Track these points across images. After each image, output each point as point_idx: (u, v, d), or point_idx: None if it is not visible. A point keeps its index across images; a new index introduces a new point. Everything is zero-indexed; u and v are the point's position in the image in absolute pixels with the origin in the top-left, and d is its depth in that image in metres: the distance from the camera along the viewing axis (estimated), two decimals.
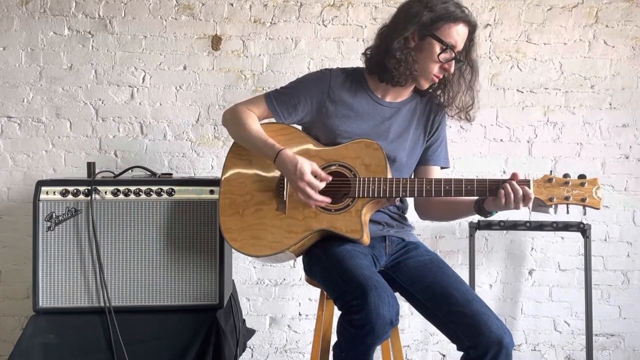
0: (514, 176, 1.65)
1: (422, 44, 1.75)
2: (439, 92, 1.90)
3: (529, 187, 1.62)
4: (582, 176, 1.63)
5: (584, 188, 1.61)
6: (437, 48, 1.73)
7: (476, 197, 1.74)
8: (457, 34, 1.73)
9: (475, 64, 1.84)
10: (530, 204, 1.64)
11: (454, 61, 1.76)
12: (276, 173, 1.83)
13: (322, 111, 1.84)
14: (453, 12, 1.71)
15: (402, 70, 1.75)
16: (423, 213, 1.99)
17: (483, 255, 2.85)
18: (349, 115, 1.84)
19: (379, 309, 1.48)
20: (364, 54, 1.88)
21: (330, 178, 1.72)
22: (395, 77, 1.77)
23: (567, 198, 1.61)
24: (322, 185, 1.70)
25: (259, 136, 1.79)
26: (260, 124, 1.86)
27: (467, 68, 1.83)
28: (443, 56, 1.74)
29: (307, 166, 1.69)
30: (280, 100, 1.85)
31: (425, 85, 1.82)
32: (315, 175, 1.70)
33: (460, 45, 1.75)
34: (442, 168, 1.97)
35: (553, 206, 1.63)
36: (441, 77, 1.80)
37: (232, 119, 1.86)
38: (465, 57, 1.81)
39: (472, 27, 1.77)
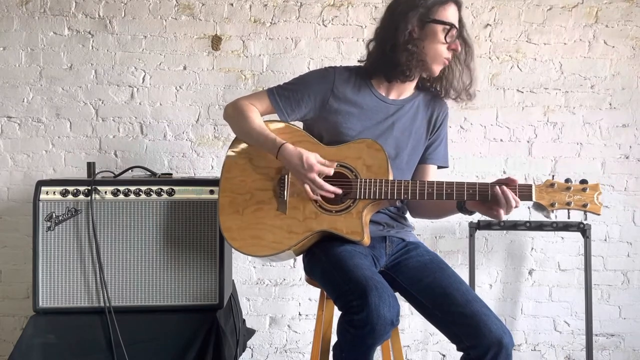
0: (510, 181, 1.65)
1: (425, 32, 1.77)
2: (437, 85, 1.91)
3: (531, 192, 1.63)
4: (583, 181, 1.63)
5: (585, 193, 1.62)
6: (441, 30, 1.76)
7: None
8: (451, 13, 1.78)
9: (469, 41, 1.86)
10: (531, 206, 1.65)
11: (458, 39, 1.80)
12: (277, 172, 1.82)
13: (326, 108, 1.84)
14: None
15: (414, 62, 1.77)
16: (414, 210, 2.00)
17: (483, 255, 2.85)
18: (353, 113, 1.84)
19: (379, 309, 1.48)
20: (363, 61, 1.89)
21: (335, 164, 1.75)
22: (406, 71, 1.79)
23: (568, 203, 1.62)
24: (331, 171, 1.73)
25: (261, 130, 1.80)
26: None
27: (461, 48, 1.85)
28: (449, 37, 1.77)
29: (313, 157, 1.71)
30: (283, 97, 1.85)
31: (437, 71, 1.83)
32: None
33: (457, 24, 1.79)
34: (439, 167, 1.98)
35: (554, 210, 1.64)
36: (451, 58, 1.82)
37: (235, 113, 1.86)
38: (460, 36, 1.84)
39: (459, 5, 1.81)
